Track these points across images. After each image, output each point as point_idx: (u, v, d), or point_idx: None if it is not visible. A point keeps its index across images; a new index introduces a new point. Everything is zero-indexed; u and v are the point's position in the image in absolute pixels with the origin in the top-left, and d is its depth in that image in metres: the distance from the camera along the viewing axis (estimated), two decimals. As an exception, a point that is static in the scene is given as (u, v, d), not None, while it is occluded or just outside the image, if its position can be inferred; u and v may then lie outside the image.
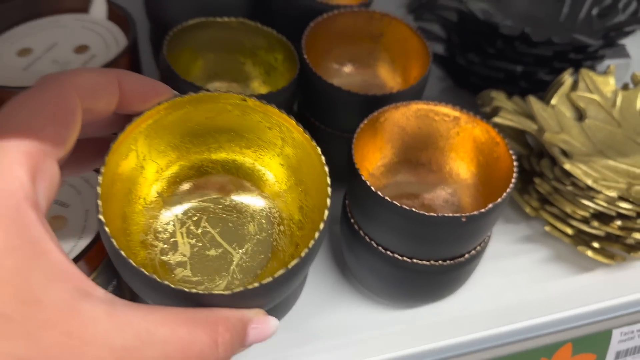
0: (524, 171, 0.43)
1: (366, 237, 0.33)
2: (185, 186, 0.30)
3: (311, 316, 0.36)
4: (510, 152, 0.33)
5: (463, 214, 0.29)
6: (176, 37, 0.39)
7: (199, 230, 0.29)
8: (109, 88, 0.24)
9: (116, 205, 0.27)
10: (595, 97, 0.42)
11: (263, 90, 0.43)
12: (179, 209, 0.30)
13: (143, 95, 0.25)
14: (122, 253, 0.23)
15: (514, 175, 0.32)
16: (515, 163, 0.32)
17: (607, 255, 0.38)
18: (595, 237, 0.39)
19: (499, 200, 0.30)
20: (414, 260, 0.32)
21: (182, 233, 0.29)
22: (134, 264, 0.22)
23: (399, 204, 0.29)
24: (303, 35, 0.39)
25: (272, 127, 0.30)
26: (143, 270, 0.22)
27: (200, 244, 0.29)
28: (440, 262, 0.32)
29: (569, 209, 0.38)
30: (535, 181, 0.40)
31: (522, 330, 0.37)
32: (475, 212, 0.29)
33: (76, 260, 0.30)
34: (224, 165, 0.31)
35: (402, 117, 0.36)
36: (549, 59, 0.46)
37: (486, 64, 0.47)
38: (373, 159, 0.37)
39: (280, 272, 0.23)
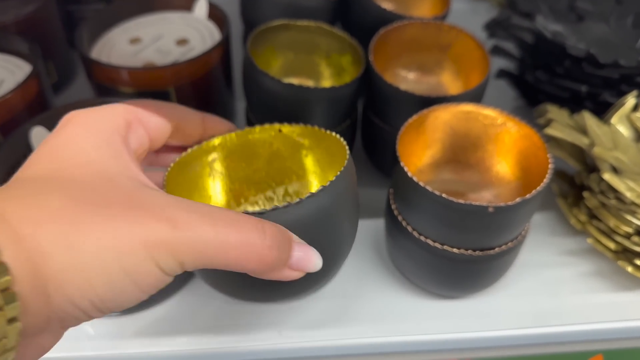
0: (576, 186, 0.44)
1: (403, 222, 0.36)
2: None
3: (348, 293, 0.40)
4: (548, 155, 0.34)
5: (491, 204, 0.31)
6: (260, 36, 0.44)
7: None
8: (196, 118, 0.32)
9: None
10: (657, 120, 0.42)
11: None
12: None
13: (220, 129, 0.34)
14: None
15: (547, 175, 0.33)
16: (550, 166, 0.34)
17: (649, 274, 0.38)
18: (639, 255, 0.39)
19: (528, 196, 0.32)
20: (445, 247, 0.35)
21: None
22: None
23: (430, 189, 0.32)
24: (371, 40, 0.43)
25: (308, 153, 0.34)
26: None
27: None
28: (470, 251, 0.34)
29: (612, 223, 0.39)
30: (584, 195, 0.41)
31: (554, 335, 0.38)
32: (502, 204, 0.31)
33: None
34: (280, 199, 0.36)
35: (452, 117, 0.39)
36: (616, 81, 0.46)
37: (553, 83, 0.49)
38: (421, 155, 0.40)
39: (307, 195, 0.26)
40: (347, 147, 0.31)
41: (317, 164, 0.34)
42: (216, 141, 0.32)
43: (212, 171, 0.32)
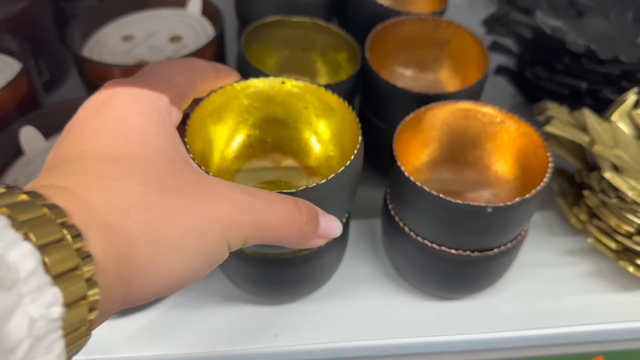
0: (576, 185, 0.43)
1: (400, 223, 0.35)
2: (244, 165, 0.36)
3: (345, 294, 0.39)
4: (548, 154, 0.34)
5: (489, 204, 0.31)
6: (254, 32, 0.44)
7: None
8: (212, 74, 0.32)
9: None
10: (659, 117, 0.42)
11: (327, 85, 0.46)
12: (239, 180, 0.35)
13: (230, 79, 0.34)
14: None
15: (547, 174, 0.33)
16: (550, 164, 0.33)
17: (651, 274, 0.37)
18: (641, 255, 0.38)
19: (527, 196, 0.31)
20: (443, 248, 0.34)
21: None
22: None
23: (427, 189, 0.31)
24: (367, 36, 0.42)
25: (307, 106, 0.35)
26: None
27: None
28: (468, 252, 0.34)
29: (613, 222, 0.38)
30: (584, 194, 0.40)
31: (554, 337, 0.37)
32: (501, 204, 0.31)
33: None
34: (277, 146, 0.37)
35: (450, 115, 0.38)
36: (616, 78, 0.46)
37: (552, 79, 0.48)
38: (419, 154, 0.39)
39: (331, 176, 0.28)
40: (355, 116, 0.32)
41: (313, 117, 0.35)
42: (222, 90, 0.33)
43: (216, 117, 0.34)
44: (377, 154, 0.46)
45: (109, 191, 0.21)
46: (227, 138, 0.35)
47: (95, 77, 0.44)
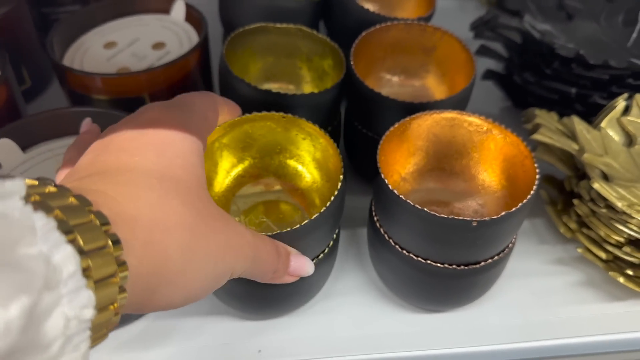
0: (565, 192, 0.43)
1: (385, 235, 0.35)
2: (245, 187, 0.38)
3: (330, 308, 0.38)
4: (535, 165, 0.33)
5: (474, 218, 0.30)
6: (238, 39, 0.43)
7: (257, 220, 0.37)
8: (225, 109, 0.34)
9: None
10: (648, 123, 0.41)
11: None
12: (240, 204, 0.37)
13: (234, 114, 0.35)
14: None
15: (535, 186, 0.32)
16: (537, 175, 0.32)
17: (641, 284, 0.37)
18: (631, 265, 0.37)
19: (513, 209, 0.30)
20: (429, 262, 0.33)
21: (244, 222, 0.36)
22: None
23: (411, 202, 0.31)
24: (353, 43, 0.41)
25: (305, 137, 0.37)
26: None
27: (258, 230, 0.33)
28: (454, 266, 0.33)
29: (603, 232, 0.37)
30: (574, 202, 0.40)
31: (543, 349, 0.37)
32: (486, 218, 0.30)
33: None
34: (274, 171, 0.39)
35: (436, 124, 0.37)
36: (606, 83, 0.45)
37: (541, 85, 0.47)
38: (405, 164, 0.38)
39: (305, 221, 0.30)
40: (341, 159, 0.34)
41: (310, 147, 0.37)
42: (227, 123, 0.35)
43: (221, 145, 0.36)
44: (363, 161, 0.45)
45: (154, 208, 0.22)
46: (232, 164, 0.38)
47: (76, 86, 0.44)
